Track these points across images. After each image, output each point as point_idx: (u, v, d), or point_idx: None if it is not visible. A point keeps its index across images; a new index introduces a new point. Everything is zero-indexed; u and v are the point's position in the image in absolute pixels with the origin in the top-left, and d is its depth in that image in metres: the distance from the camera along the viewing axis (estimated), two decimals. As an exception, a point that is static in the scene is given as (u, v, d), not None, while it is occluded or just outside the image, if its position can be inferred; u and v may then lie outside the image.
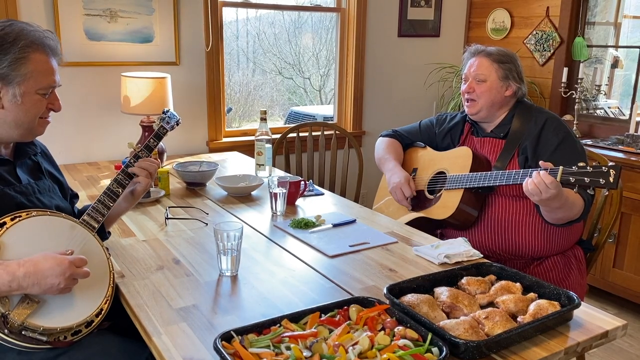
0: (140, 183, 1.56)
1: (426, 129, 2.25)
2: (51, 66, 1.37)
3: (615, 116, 3.53)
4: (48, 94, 1.37)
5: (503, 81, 1.96)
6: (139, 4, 2.87)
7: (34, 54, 1.32)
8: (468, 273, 1.42)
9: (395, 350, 1.05)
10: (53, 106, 1.40)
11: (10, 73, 1.29)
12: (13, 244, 1.21)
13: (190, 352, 1.12)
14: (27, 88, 1.32)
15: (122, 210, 1.62)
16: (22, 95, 1.32)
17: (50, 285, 1.17)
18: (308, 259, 1.61)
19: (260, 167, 2.48)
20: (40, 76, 1.33)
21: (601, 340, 1.22)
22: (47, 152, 1.60)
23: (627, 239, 2.94)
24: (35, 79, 1.33)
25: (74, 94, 2.82)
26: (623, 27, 3.53)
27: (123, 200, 1.58)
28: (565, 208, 1.71)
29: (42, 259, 1.18)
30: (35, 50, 1.33)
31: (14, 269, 1.15)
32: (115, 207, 1.50)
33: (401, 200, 2.08)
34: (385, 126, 3.50)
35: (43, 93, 1.36)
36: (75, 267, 1.20)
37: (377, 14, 3.71)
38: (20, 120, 1.35)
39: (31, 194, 1.39)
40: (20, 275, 1.14)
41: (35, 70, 1.32)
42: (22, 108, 1.33)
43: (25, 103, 1.33)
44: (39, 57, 1.33)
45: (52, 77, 1.37)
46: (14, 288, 1.15)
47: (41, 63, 1.34)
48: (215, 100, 3.21)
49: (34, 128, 1.39)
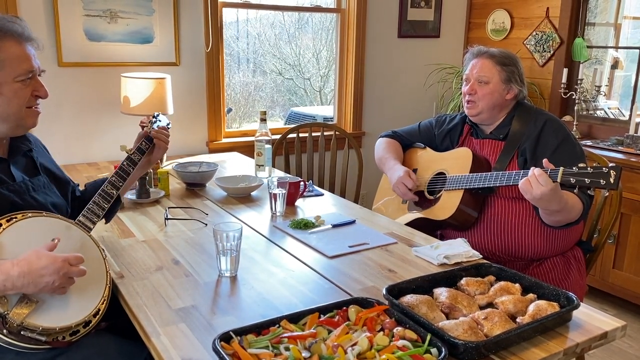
0: (159, 148, 1.69)
1: (425, 130, 2.25)
2: (24, 51, 1.34)
3: (615, 117, 3.53)
4: (28, 80, 1.34)
5: (505, 84, 1.95)
6: (139, 5, 2.87)
7: (3, 41, 1.30)
8: (467, 274, 1.42)
9: (394, 350, 1.05)
10: (38, 93, 1.38)
11: None
12: (8, 246, 1.21)
13: (189, 352, 1.12)
14: (4, 78, 1.30)
15: (136, 176, 1.74)
16: (0, 86, 1.30)
17: (45, 284, 1.16)
18: (307, 260, 1.61)
19: (260, 168, 2.49)
20: (14, 63, 1.31)
21: (600, 341, 1.22)
22: (42, 145, 1.59)
23: (626, 239, 2.94)
24: (10, 66, 1.30)
25: (74, 94, 2.82)
26: (623, 28, 3.53)
27: (138, 168, 1.65)
28: (564, 211, 1.71)
29: (36, 258, 1.16)
30: (4, 37, 1.30)
31: (7, 269, 1.14)
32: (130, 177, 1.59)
33: (405, 193, 2.06)
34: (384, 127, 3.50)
35: (22, 80, 1.33)
36: (69, 265, 1.19)
37: (377, 15, 3.71)
38: (5, 113, 1.33)
39: (25, 192, 1.39)
40: (15, 275, 1.14)
41: (7, 59, 1.30)
42: (4, 99, 1.31)
43: (5, 94, 1.31)
44: (9, 44, 1.31)
45: (28, 63, 1.34)
46: (9, 287, 1.14)
47: (12, 49, 1.31)
48: (215, 101, 3.21)
49: (22, 119, 1.36)
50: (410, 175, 2.06)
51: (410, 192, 2.06)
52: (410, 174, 2.07)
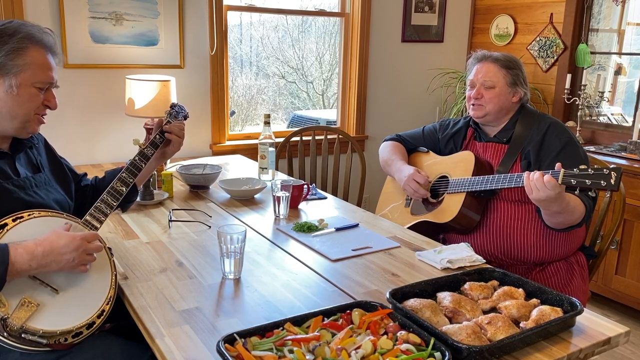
0: (173, 143, 1.68)
1: (429, 134, 2.25)
2: (49, 62, 1.37)
3: (618, 123, 3.53)
4: (44, 89, 1.38)
5: (511, 87, 1.96)
6: (145, 7, 2.89)
7: (32, 47, 1.33)
8: (471, 278, 1.42)
9: (397, 354, 1.05)
10: (49, 103, 1.41)
11: (7, 63, 1.30)
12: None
13: (193, 354, 1.12)
14: (24, 79, 1.33)
15: (152, 169, 1.75)
16: (18, 87, 1.32)
17: (66, 262, 1.23)
18: (311, 263, 1.61)
19: (263, 171, 2.49)
20: (37, 69, 1.34)
21: (604, 346, 1.22)
22: (47, 142, 1.61)
23: (629, 246, 2.93)
24: (32, 71, 1.33)
25: (79, 96, 2.83)
26: (626, 34, 3.53)
27: (153, 160, 1.66)
28: (566, 213, 1.71)
29: (56, 237, 1.23)
30: (34, 44, 1.34)
31: (32, 249, 1.20)
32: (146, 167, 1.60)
33: (417, 190, 2.05)
34: (388, 131, 3.51)
35: (39, 87, 1.36)
36: (87, 242, 1.27)
37: (380, 19, 3.72)
38: (15, 112, 1.35)
39: (29, 188, 1.40)
40: (39, 254, 1.20)
41: (32, 63, 1.33)
42: (18, 100, 1.34)
43: (21, 95, 1.33)
44: (36, 50, 1.34)
45: (49, 73, 1.37)
46: (34, 267, 1.19)
47: (38, 57, 1.35)
48: (219, 104, 3.22)
49: (28, 122, 1.38)
50: (420, 171, 2.07)
51: (422, 187, 2.05)
52: (419, 170, 2.07)
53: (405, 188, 2.10)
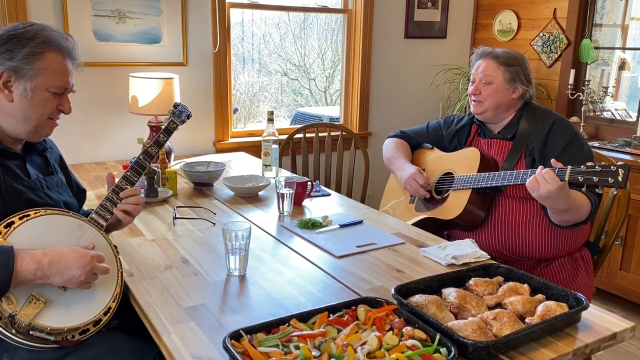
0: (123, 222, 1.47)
1: (434, 130, 2.25)
2: (66, 67, 1.38)
3: (622, 118, 3.52)
4: (59, 94, 1.38)
5: (509, 84, 1.96)
6: (147, 5, 2.89)
7: (50, 52, 1.34)
8: (476, 274, 1.43)
9: (403, 350, 1.05)
10: (63, 108, 1.41)
11: (23, 66, 1.31)
12: (22, 243, 1.22)
13: (199, 350, 1.13)
14: (39, 84, 1.33)
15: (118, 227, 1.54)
16: (32, 90, 1.33)
17: (71, 277, 1.20)
18: (315, 259, 1.62)
19: (267, 168, 2.49)
20: (53, 74, 1.34)
21: (609, 342, 1.22)
22: (56, 148, 1.61)
23: (634, 241, 2.93)
24: (48, 76, 1.34)
25: (82, 94, 2.83)
26: (630, 29, 3.52)
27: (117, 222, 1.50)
28: (572, 210, 1.71)
29: (67, 250, 1.21)
30: (52, 48, 1.34)
31: (39, 258, 1.18)
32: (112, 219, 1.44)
33: (417, 190, 2.07)
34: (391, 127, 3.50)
35: (54, 92, 1.36)
36: (96, 262, 1.24)
37: (383, 16, 3.71)
38: (28, 116, 1.35)
39: (39, 189, 1.40)
40: (46, 264, 1.17)
41: (49, 68, 1.33)
42: (31, 103, 1.34)
43: (34, 99, 1.34)
44: (54, 55, 1.35)
45: (65, 78, 1.38)
46: (39, 277, 1.17)
47: (56, 62, 1.35)
48: (222, 101, 3.22)
49: (40, 126, 1.39)
50: (421, 171, 2.08)
51: (422, 188, 2.06)
52: (421, 171, 2.09)
53: (406, 187, 2.11)
